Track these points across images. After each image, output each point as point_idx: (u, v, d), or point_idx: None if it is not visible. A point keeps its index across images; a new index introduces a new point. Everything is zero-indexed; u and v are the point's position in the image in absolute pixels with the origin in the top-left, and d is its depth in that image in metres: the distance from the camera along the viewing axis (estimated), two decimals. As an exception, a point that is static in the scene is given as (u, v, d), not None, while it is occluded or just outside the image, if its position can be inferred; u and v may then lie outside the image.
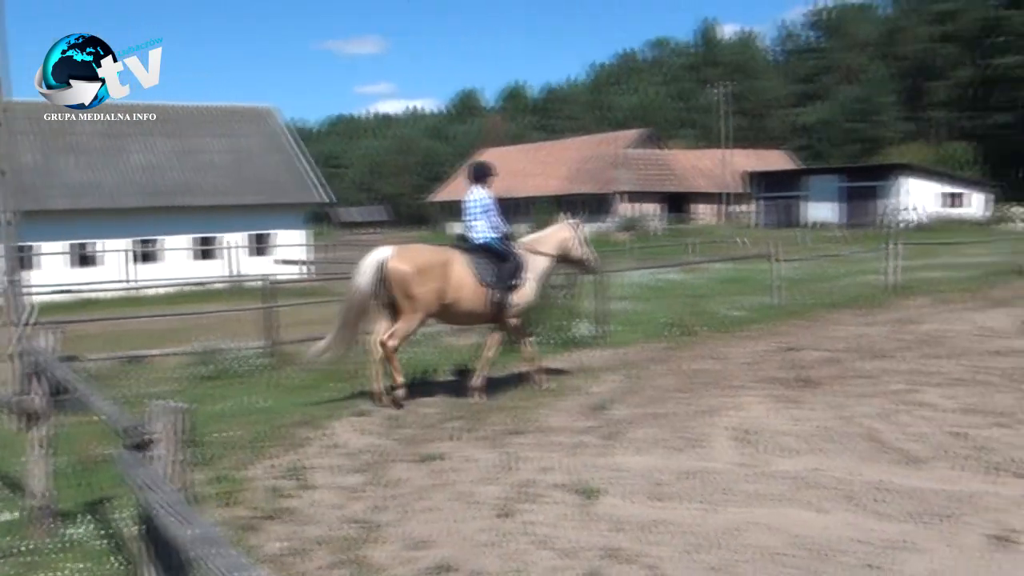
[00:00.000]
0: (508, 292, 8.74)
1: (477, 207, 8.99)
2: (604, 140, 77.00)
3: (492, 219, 8.93)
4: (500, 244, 8.91)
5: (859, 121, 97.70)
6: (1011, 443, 6.20)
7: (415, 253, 8.75)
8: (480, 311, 8.75)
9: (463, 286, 8.50)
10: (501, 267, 8.74)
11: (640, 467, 6.18)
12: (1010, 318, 12.74)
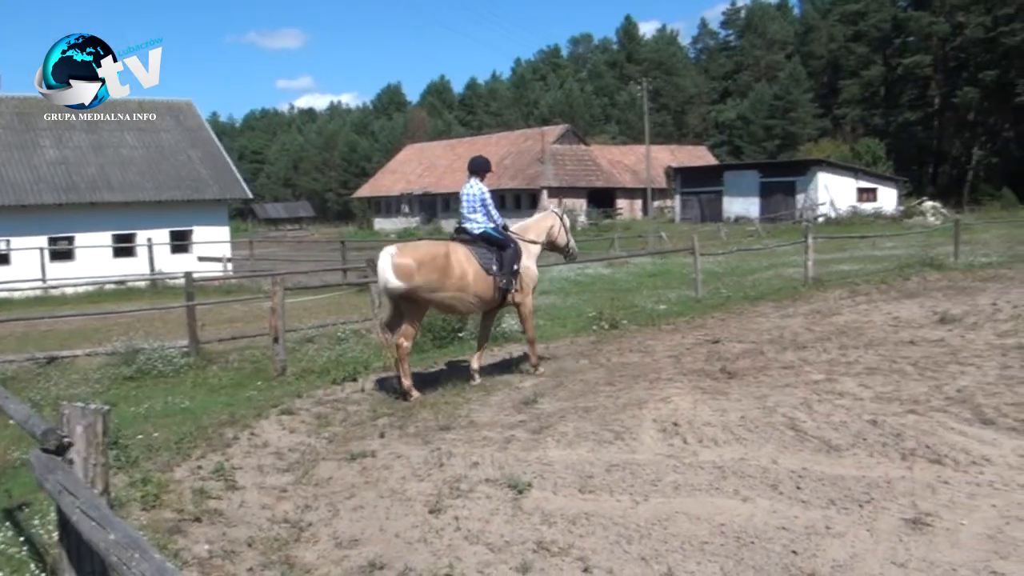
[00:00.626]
0: (512, 278, 9.23)
1: (475, 199, 9.33)
2: (528, 135, 77.27)
3: (489, 210, 9.32)
4: (497, 233, 9.31)
5: (776, 118, 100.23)
6: (924, 430, 6.42)
7: (416, 248, 9.06)
8: (488, 297, 9.19)
9: (467, 274, 8.87)
10: (502, 255, 9.19)
11: (569, 460, 6.23)
12: (922, 309, 13.20)
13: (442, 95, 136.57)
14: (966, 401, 7.22)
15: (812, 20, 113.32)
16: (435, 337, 11.87)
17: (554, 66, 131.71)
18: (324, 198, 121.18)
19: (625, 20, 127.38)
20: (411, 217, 79.04)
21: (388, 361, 8.93)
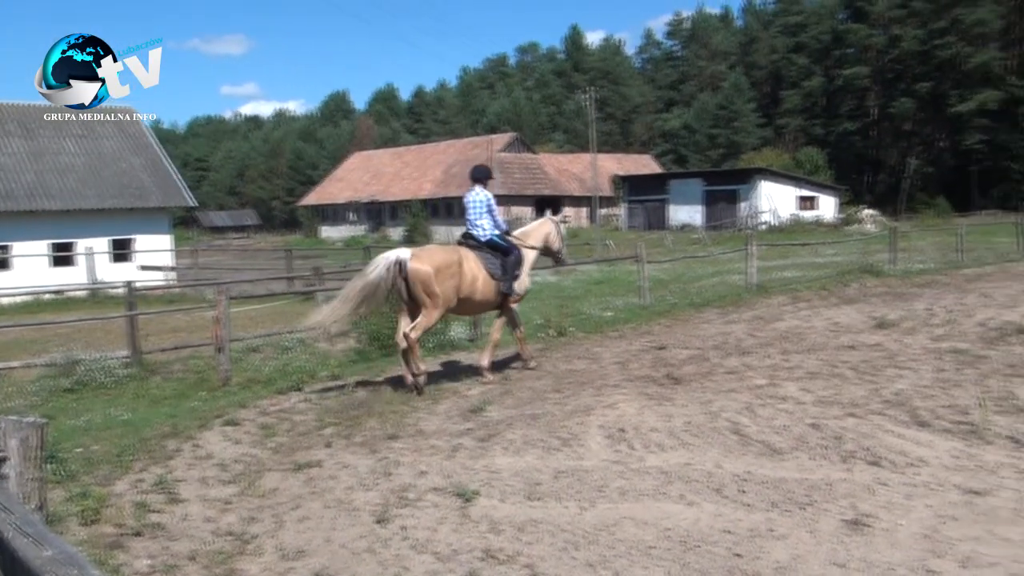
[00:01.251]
0: (513, 282, 9.70)
1: (481, 206, 9.76)
2: (475, 143, 77.35)
3: (493, 217, 9.78)
4: (502, 240, 9.77)
5: (720, 127, 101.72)
6: (863, 432, 6.57)
7: (432, 254, 9.30)
8: (492, 301, 9.67)
9: (477, 280, 9.32)
10: (505, 260, 9.65)
11: (516, 468, 6.25)
12: (861, 315, 13.50)
13: (389, 103, 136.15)
14: (903, 404, 7.40)
15: (754, 31, 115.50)
16: (381, 346, 11.79)
17: (501, 75, 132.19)
18: (270, 206, 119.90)
19: (571, 30, 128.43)
20: (358, 225, 78.53)
21: (403, 358, 9.19)
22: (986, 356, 9.55)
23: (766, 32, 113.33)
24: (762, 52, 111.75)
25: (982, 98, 77.39)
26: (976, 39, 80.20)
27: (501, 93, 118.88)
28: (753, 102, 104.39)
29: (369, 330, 11.95)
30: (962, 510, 4.98)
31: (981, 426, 6.52)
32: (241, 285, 17.70)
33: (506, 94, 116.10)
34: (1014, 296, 15.09)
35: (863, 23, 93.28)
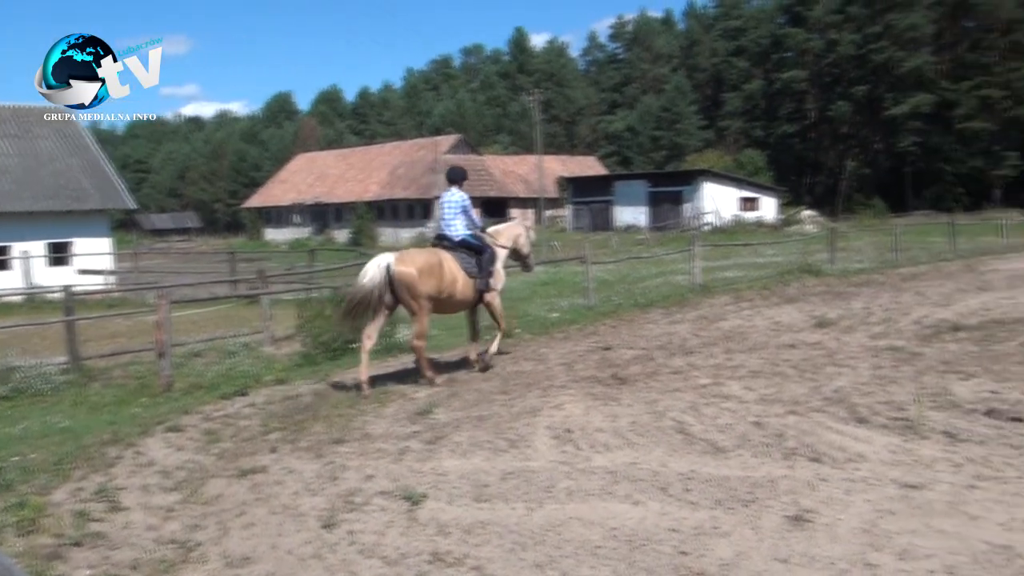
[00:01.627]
0: (488, 279, 10.04)
1: (456, 207, 9.99)
2: (421, 145, 77.12)
3: (468, 217, 10.04)
4: (475, 239, 10.06)
5: (663, 129, 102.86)
6: (804, 430, 6.71)
7: (415, 258, 9.49)
8: (470, 298, 9.97)
9: (456, 280, 9.60)
10: (480, 259, 9.94)
11: (464, 470, 6.25)
12: (801, 313, 13.78)
13: (333, 104, 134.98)
14: (842, 401, 7.57)
15: (696, 35, 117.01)
16: (327, 350, 11.71)
17: (446, 76, 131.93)
18: (212, 208, 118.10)
19: (516, 31, 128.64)
20: (303, 227, 77.76)
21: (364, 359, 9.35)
22: (921, 353, 9.82)
23: (707, 35, 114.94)
24: (704, 55, 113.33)
25: (915, 101, 79.42)
26: (909, 44, 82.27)
27: (446, 95, 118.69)
28: (695, 104, 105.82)
29: (314, 334, 11.86)
30: (899, 504, 5.11)
31: (917, 422, 6.70)
32: (183, 289, 17.44)
33: (451, 96, 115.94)
34: (947, 295, 15.54)
35: (801, 27, 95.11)
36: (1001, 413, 6.90)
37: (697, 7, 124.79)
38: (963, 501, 5.10)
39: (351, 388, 9.27)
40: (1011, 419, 6.74)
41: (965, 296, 15.23)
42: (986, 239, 31.67)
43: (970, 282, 17.70)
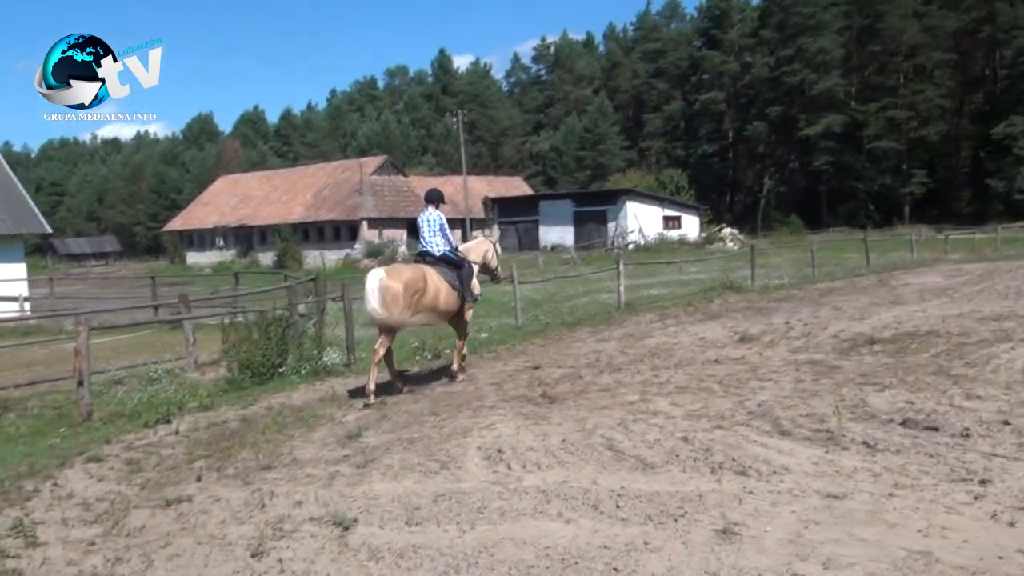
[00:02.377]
0: (468, 291, 10.75)
1: (435, 226, 10.70)
2: (346, 167, 76.54)
3: (446, 235, 10.73)
4: (454, 255, 10.80)
5: (587, 149, 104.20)
6: (730, 444, 6.83)
7: (402, 273, 10.10)
8: (454, 308, 10.60)
9: (440, 291, 10.26)
10: (460, 272, 10.67)
11: (395, 493, 6.20)
12: (724, 329, 14.06)
13: (256, 125, 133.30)
14: (766, 414, 7.74)
15: (616, 57, 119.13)
16: (253, 374, 11.50)
17: (370, 97, 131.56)
18: (132, 232, 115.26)
19: (439, 53, 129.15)
20: (226, 250, 76.33)
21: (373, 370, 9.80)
22: (840, 366, 10.12)
23: (627, 58, 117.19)
24: (624, 77, 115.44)
25: (827, 122, 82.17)
26: (820, 66, 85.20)
27: (370, 116, 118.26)
28: (617, 125, 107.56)
29: (240, 359, 11.65)
30: (823, 514, 5.24)
31: (837, 433, 6.89)
32: (102, 315, 16.92)
33: (376, 117, 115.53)
34: (863, 308, 16.05)
35: (718, 50, 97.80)
36: (916, 423, 7.14)
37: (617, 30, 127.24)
38: (883, 509, 5.25)
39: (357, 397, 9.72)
40: (926, 428, 6.98)
41: (879, 310, 15.75)
42: (897, 254, 32.84)
43: (883, 296, 18.32)
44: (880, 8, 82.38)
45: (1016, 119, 72.51)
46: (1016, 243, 38.37)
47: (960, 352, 10.64)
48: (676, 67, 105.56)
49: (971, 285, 19.88)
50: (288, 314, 12.92)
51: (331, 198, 71.41)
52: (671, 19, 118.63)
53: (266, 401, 10.06)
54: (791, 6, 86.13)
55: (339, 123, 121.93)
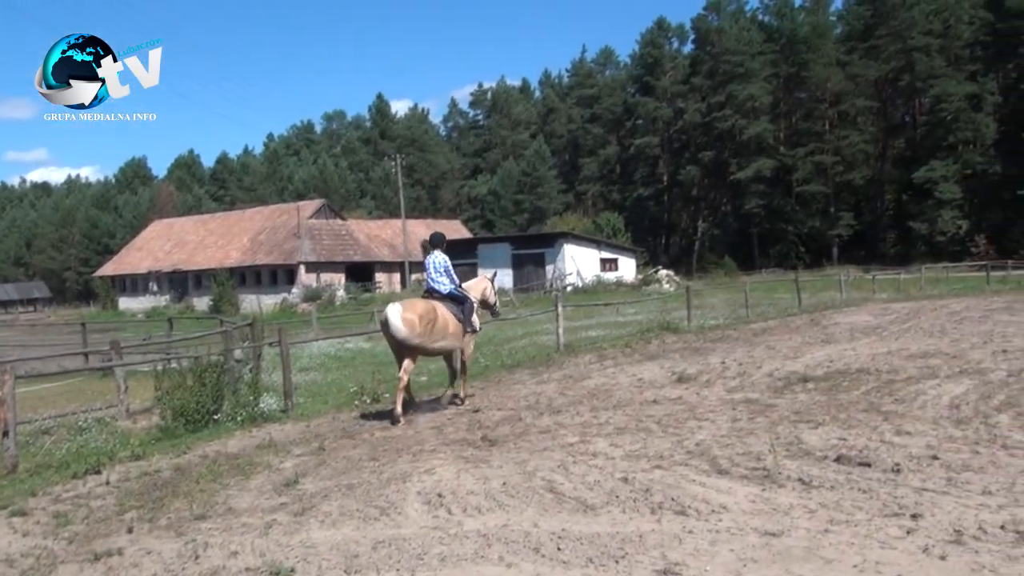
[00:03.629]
0: (471, 325, 12.00)
1: (440, 267, 11.90)
2: (283, 210, 76.00)
3: (451, 275, 11.91)
4: (458, 292, 11.98)
5: (524, 193, 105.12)
6: (669, 483, 6.89)
7: (417, 306, 11.18)
8: (459, 339, 11.77)
9: (448, 324, 11.40)
10: (463, 307, 11.86)
11: (334, 541, 6.10)
12: (662, 370, 14.22)
13: (191, 169, 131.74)
14: (704, 454, 7.84)
15: (552, 102, 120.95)
16: (187, 421, 11.25)
17: (308, 141, 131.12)
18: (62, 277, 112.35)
19: (377, 98, 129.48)
20: (160, 296, 74.84)
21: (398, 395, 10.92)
22: (775, 404, 10.30)
23: (563, 103, 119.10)
24: (560, 122, 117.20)
25: (758, 166, 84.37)
26: (749, 112, 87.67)
27: (308, 160, 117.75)
28: (554, 169, 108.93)
29: (173, 406, 11.39)
30: (761, 552, 5.30)
31: (774, 471, 7.01)
32: (29, 362, 16.41)
33: (313, 161, 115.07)
34: (796, 347, 16.38)
35: (651, 96, 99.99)
36: (850, 459, 7.30)
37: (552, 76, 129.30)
38: (819, 546, 5.34)
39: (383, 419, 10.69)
40: (859, 464, 7.13)
41: (812, 348, 16.10)
42: (827, 294, 33.65)
43: (815, 335, 18.73)
44: (805, 57, 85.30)
45: (936, 164, 75.33)
46: (939, 283, 39.68)
47: (889, 389, 10.93)
48: (611, 112, 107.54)
49: (898, 324, 20.45)
50: (224, 359, 12.69)
51: (268, 242, 70.71)
52: (605, 66, 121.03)
53: (200, 449, 9.84)
54: (721, 54, 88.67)
55: (276, 167, 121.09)
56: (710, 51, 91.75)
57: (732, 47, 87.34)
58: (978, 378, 11.39)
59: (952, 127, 75.80)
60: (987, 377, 11.44)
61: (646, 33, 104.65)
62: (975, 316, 21.33)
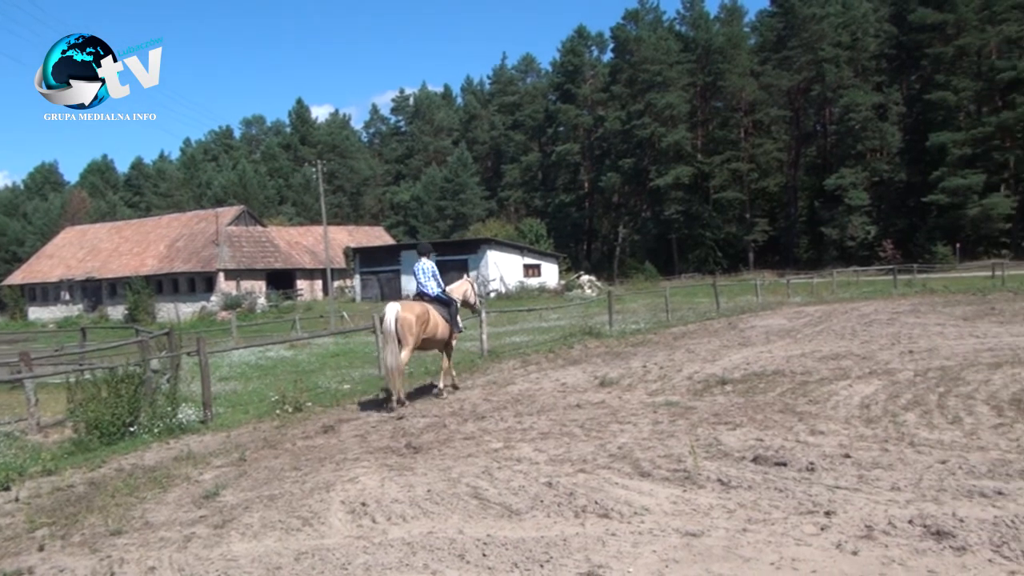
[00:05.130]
0: (456, 324, 13.59)
1: (428, 273, 13.44)
2: (201, 217, 74.34)
3: (437, 280, 13.50)
4: (444, 295, 13.61)
5: (447, 199, 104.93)
6: (593, 487, 6.98)
7: (413, 307, 12.54)
8: (446, 336, 13.29)
9: (438, 324, 12.92)
10: (449, 309, 13.43)
11: (255, 553, 6.01)
12: (585, 374, 14.37)
13: (105, 175, 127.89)
14: (626, 457, 7.95)
15: (474, 109, 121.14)
16: (102, 434, 10.92)
17: (226, 147, 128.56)
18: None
19: (297, 103, 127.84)
20: (72, 305, 72.40)
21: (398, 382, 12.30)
22: (694, 407, 10.52)
23: (485, 110, 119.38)
24: (482, 128, 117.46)
25: (676, 173, 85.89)
26: (668, 120, 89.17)
27: (226, 165, 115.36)
28: (477, 176, 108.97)
29: (87, 418, 11.05)
30: (682, 552, 5.41)
31: (694, 472, 7.16)
32: (-72, 377, 15.70)
33: (232, 167, 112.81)
34: (714, 351, 16.73)
35: (572, 104, 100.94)
36: (766, 459, 7.50)
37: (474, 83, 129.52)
38: (738, 544, 5.48)
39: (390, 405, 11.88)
40: (775, 464, 7.34)
41: (729, 352, 16.47)
42: (744, 298, 34.45)
43: (733, 338, 19.16)
44: (721, 67, 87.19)
45: (845, 171, 77.78)
46: (850, 287, 40.94)
47: (804, 390, 11.26)
48: (532, 119, 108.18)
49: (811, 326, 21.06)
50: (140, 370, 12.36)
51: (186, 249, 69.09)
52: (526, 73, 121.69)
53: (116, 462, 9.57)
54: (639, 63, 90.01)
55: (194, 173, 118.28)
56: (629, 60, 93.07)
57: (650, 56, 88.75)
58: (887, 378, 11.82)
59: (860, 136, 78.38)
60: (895, 377, 11.88)
61: (567, 41, 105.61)
62: (883, 318, 22.10)
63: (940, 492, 6.28)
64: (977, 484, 6.40)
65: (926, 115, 75.87)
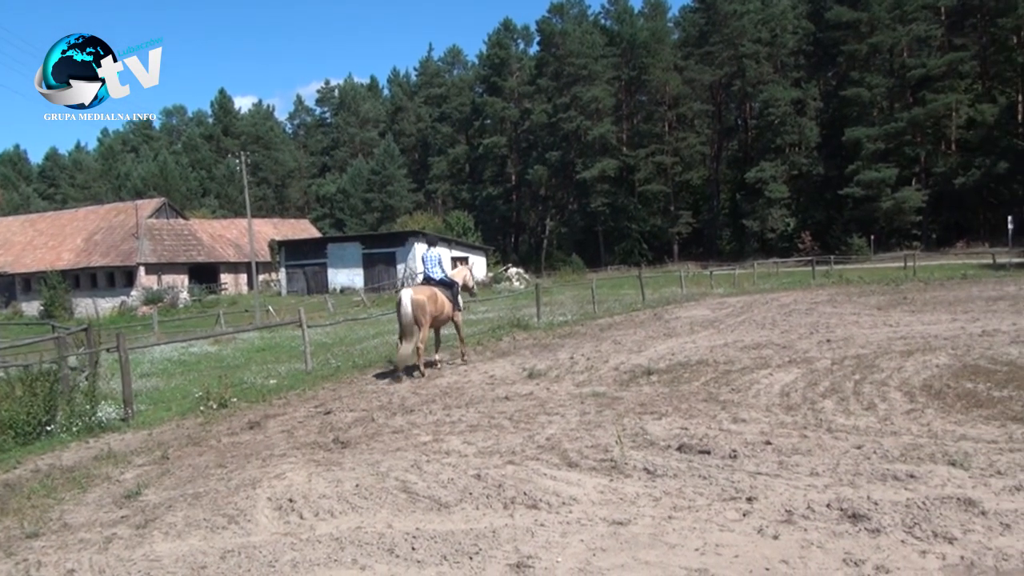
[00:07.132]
0: (458, 305, 15.36)
1: (435, 260, 15.32)
2: (120, 209, 72.22)
3: (443, 266, 15.32)
4: (448, 279, 15.28)
5: (374, 191, 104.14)
6: (521, 478, 7.03)
7: (424, 291, 14.22)
8: (450, 316, 15.01)
9: (445, 305, 14.65)
10: (451, 291, 15.13)
11: (179, 553, 5.90)
12: (513, 366, 14.44)
13: (17, 166, 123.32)
14: (554, 448, 8.03)
15: (401, 101, 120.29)
16: (17, 434, 10.57)
17: (146, 137, 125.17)
18: None
19: (219, 93, 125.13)
20: (-19, 301, 69.67)
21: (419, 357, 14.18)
22: (621, 397, 10.67)
23: (412, 102, 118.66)
24: (409, 120, 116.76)
25: (602, 166, 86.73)
26: (593, 114, 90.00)
27: (146, 157, 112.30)
28: (404, 168, 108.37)
29: (1, 418, 10.67)
30: (609, 541, 5.50)
31: (620, 461, 7.27)
32: None
33: (152, 158, 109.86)
34: (640, 342, 16.98)
35: (498, 97, 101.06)
36: (691, 447, 7.66)
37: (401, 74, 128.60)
38: (663, 532, 5.59)
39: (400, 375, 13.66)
40: (699, 452, 7.49)
41: (655, 342, 16.74)
42: (669, 289, 35.03)
43: (658, 329, 19.47)
44: (645, 61, 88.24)
45: (765, 164, 79.54)
46: (770, 278, 41.97)
47: (727, 379, 11.52)
48: (459, 112, 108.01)
49: (734, 317, 21.53)
50: (57, 367, 11.99)
51: (104, 243, 67.10)
52: (453, 65, 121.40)
53: (32, 463, 9.28)
54: (565, 57, 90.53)
55: (112, 164, 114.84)
56: (555, 53, 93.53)
57: (576, 50, 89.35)
58: (805, 367, 12.17)
59: (780, 130, 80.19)
60: (813, 366, 12.24)
61: (493, 34, 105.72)
62: (802, 308, 22.71)
63: (856, 476, 6.51)
64: (891, 468, 6.64)
65: (842, 110, 77.99)
